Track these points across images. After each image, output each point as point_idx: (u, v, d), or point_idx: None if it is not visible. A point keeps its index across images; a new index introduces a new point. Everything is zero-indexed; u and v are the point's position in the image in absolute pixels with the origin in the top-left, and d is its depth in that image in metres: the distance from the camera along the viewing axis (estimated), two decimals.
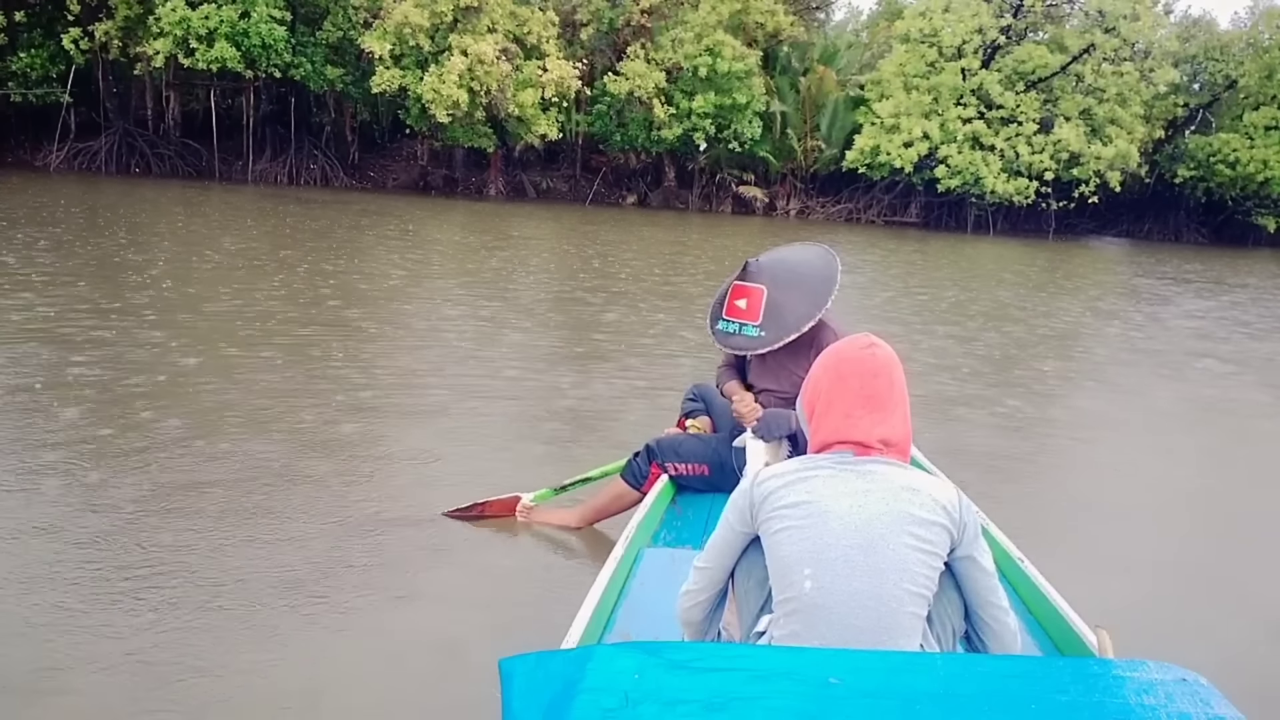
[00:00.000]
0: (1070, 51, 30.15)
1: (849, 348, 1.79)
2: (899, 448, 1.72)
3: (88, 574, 2.95)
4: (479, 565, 3.29)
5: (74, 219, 14.02)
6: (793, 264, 3.13)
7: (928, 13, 30.09)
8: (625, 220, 24.54)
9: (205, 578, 2.97)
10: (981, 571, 1.70)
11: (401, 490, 3.91)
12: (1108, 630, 1.83)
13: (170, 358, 5.87)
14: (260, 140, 28.01)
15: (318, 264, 11.06)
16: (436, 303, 8.92)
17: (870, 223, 31.57)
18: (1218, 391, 7.62)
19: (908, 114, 29.45)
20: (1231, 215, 35.10)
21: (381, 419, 4.94)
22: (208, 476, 3.86)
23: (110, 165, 26.41)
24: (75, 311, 7.04)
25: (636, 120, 29.33)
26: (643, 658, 1.36)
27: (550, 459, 4.44)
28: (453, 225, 19.06)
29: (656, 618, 2.20)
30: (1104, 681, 1.34)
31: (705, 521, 3.13)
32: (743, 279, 3.08)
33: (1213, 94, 34.84)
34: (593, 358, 6.98)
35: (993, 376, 7.41)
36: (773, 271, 3.07)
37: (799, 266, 3.12)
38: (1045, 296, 13.71)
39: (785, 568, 1.63)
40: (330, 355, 6.34)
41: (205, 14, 23.83)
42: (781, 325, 3.01)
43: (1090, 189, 29.91)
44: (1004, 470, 4.93)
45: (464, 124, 26.52)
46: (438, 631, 2.78)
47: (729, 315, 3.12)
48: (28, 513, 3.37)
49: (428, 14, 25.13)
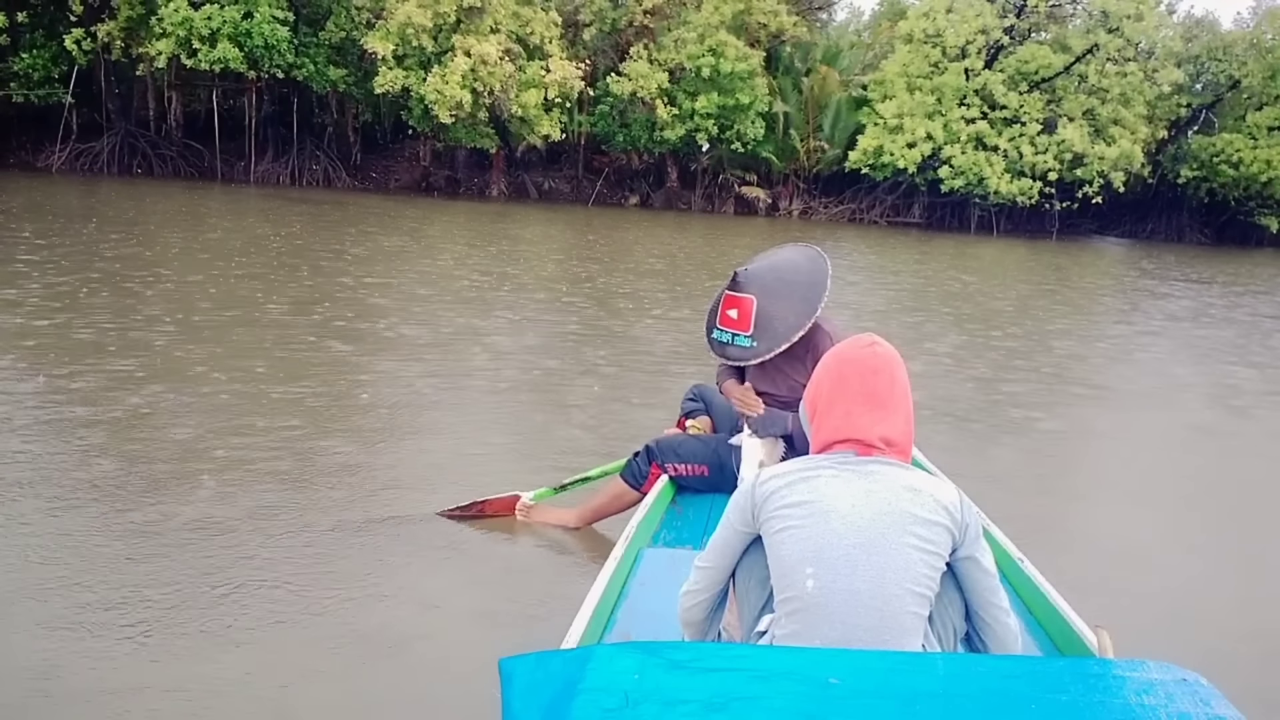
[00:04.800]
0: (1074, 52, 30.11)
1: (851, 347, 1.79)
2: (900, 447, 1.72)
3: (117, 595, 2.95)
4: (479, 565, 3.29)
5: (76, 219, 14.04)
6: (782, 270, 3.11)
7: (931, 13, 30.05)
8: (627, 221, 24.54)
9: (199, 578, 2.97)
10: (983, 572, 1.70)
11: (401, 489, 3.91)
12: (1108, 630, 1.83)
13: (168, 355, 5.88)
14: (262, 141, 28.01)
15: (317, 264, 11.07)
16: (437, 303, 8.92)
17: (873, 223, 31.53)
18: (1224, 392, 7.61)
19: (911, 114, 29.40)
20: (1234, 216, 35.03)
21: (381, 419, 4.95)
22: (202, 476, 3.87)
23: (112, 166, 26.40)
24: (81, 317, 7.05)
25: (639, 121, 29.33)
26: (643, 658, 1.36)
27: (550, 459, 4.44)
28: (454, 226, 19.06)
29: (656, 618, 2.20)
30: (1104, 681, 1.34)
31: (705, 521, 3.13)
32: (733, 289, 3.06)
33: (1216, 94, 34.78)
34: (593, 358, 6.98)
35: (994, 376, 7.40)
36: (762, 280, 3.05)
37: (788, 274, 3.10)
38: (1050, 296, 13.69)
39: (787, 567, 1.63)
40: (330, 355, 6.34)
41: (208, 14, 23.83)
42: (772, 335, 3.00)
43: (1094, 189, 29.86)
44: (1005, 470, 4.93)
45: (466, 124, 26.52)
46: (437, 631, 2.79)
47: (722, 325, 3.10)
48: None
49: (430, 14, 25.12)
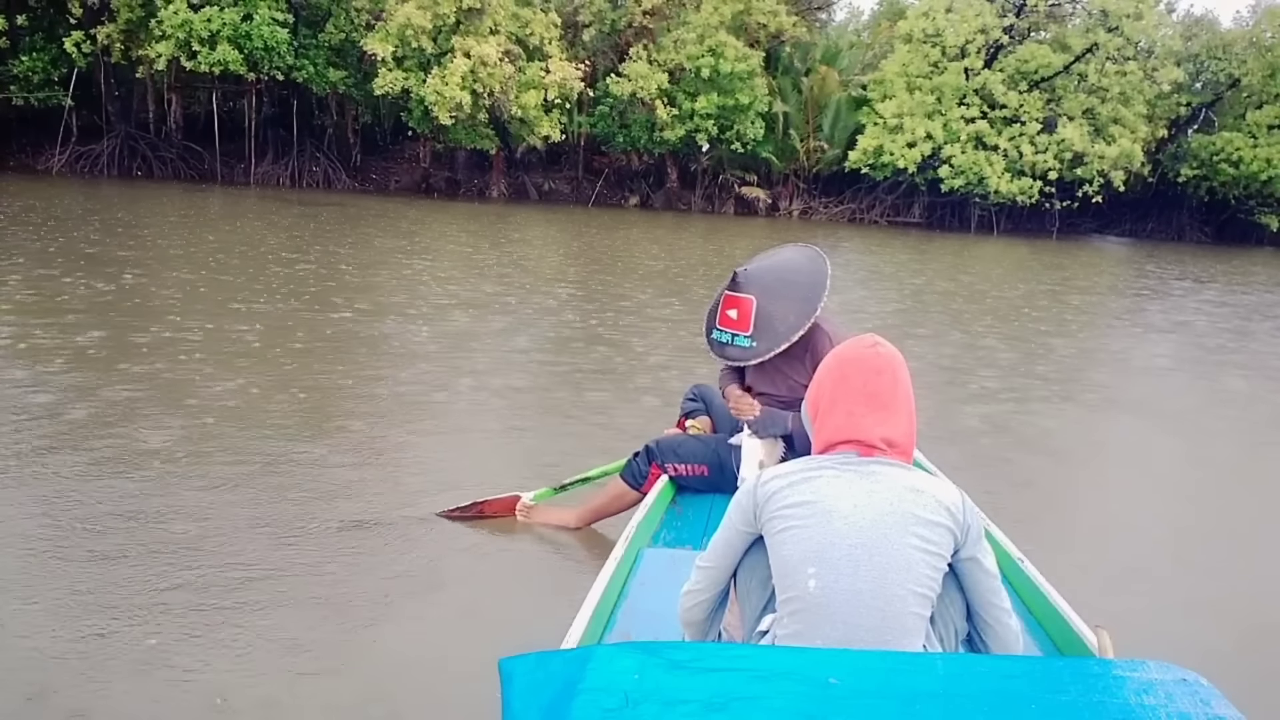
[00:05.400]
0: (1073, 51, 30.13)
1: (853, 347, 1.78)
2: (902, 448, 1.72)
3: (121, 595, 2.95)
4: (479, 565, 3.29)
5: (79, 222, 14.06)
6: (781, 271, 3.11)
7: (930, 13, 30.08)
8: (628, 222, 24.54)
9: (195, 578, 2.96)
10: (984, 573, 1.70)
11: (401, 489, 3.91)
12: (1108, 630, 1.83)
13: (165, 353, 5.89)
14: (262, 143, 28.03)
15: (316, 265, 11.07)
16: (436, 304, 8.92)
17: (873, 223, 31.54)
18: (1225, 391, 7.60)
19: (911, 114, 29.41)
20: (1234, 214, 35.04)
21: (381, 420, 4.94)
22: (200, 476, 3.87)
23: (112, 168, 26.42)
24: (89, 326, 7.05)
25: (639, 121, 29.34)
26: (643, 658, 1.36)
27: (551, 459, 4.44)
28: (454, 227, 19.07)
29: (656, 618, 2.20)
30: (1104, 681, 1.34)
31: (705, 522, 3.13)
32: (732, 289, 3.06)
33: (1215, 93, 34.79)
34: (594, 358, 6.98)
35: (996, 376, 7.39)
36: (762, 281, 3.04)
37: (788, 274, 3.09)
38: (1053, 296, 13.69)
39: (789, 568, 1.63)
40: (329, 356, 6.34)
41: (207, 16, 23.85)
42: (772, 336, 3.00)
43: (1094, 189, 29.86)
44: (1005, 470, 4.92)
45: (466, 126, 26.54)
46: (437, 631, 2.79)
47: (722, 325, 3.10)
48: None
49: (430, 16, 25.14)
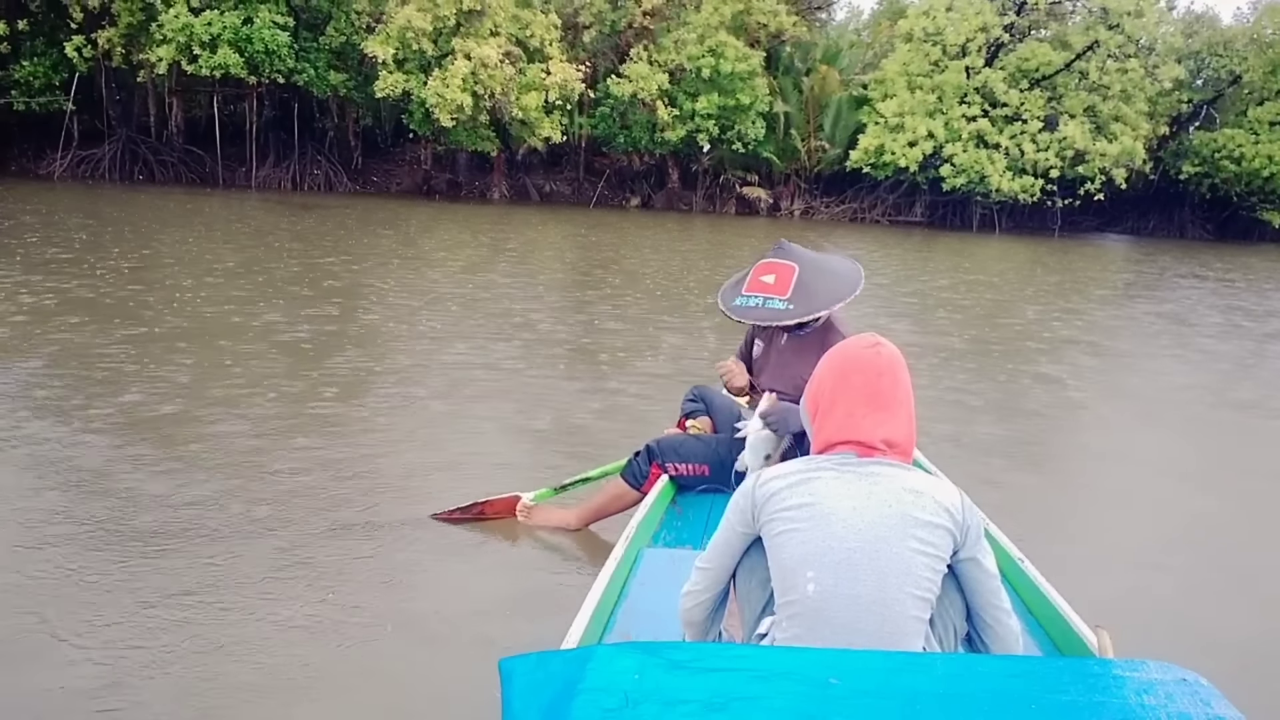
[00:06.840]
0: (1074, 49, 30.08)
1: (853, 346, 1.78)
2: (902, 449, 1.71)
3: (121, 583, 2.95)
4: (479, 565, 3.29)
5: (81, 228, 14.08)
6: (821, 259, 3.20)
7: (931, 11, 30.06)
8: (629, 222, 24.54)
9: (195, 582, 2.97)
10: (984, 573, 1.69)
11: (401, 491, 3.91)
12: (1108, 630, 1.82)
13: (165, 357, 5.90)
14: (263, 146, 28.07)
15: (316, 267, 11.08)
16: (436, 306, 8.93)
17: (875, 222, 31.53)
18: (1226, 392, 7.59)
19: (912, 113, 29.39)
20: (1236, 211, 34.97)
21: (381, 422, 4.94)
22: (197, 479, 3.87)
23: (114, 173, 26.47)
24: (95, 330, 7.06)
25: (640, 122, 29.33)
26: (643, 658, 1.36)
27: (551, 460, 4.44)
28: (456, 229, 19.07)
29: (656, 618, 2.20)
30: (1104, 681, 1.34)
31: (705, 522, 3.13)
32: (775, 256, 3.13)
33: (1217, 90, 34.74)
34: (595, 359, 6.98)
35: (996, 375, 7.39)
36: (805, 256, 3.14)
37: (826, 263, 3.19)
38: (1055, 295, 13.68)
39: (787, 570, 1.63)
40: (329, 357, 6.35)
41: (208, 20, 23.89)
42: (811, 300, 3.02)
43: (1096, 186, 29.82)
44: (1005, 469, 4.92)
45: (467, 127, 26.54)
46: (437, 632, 2.79)
47: (751, 290, 3.11)
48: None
49: (430, 18, 25.16)
